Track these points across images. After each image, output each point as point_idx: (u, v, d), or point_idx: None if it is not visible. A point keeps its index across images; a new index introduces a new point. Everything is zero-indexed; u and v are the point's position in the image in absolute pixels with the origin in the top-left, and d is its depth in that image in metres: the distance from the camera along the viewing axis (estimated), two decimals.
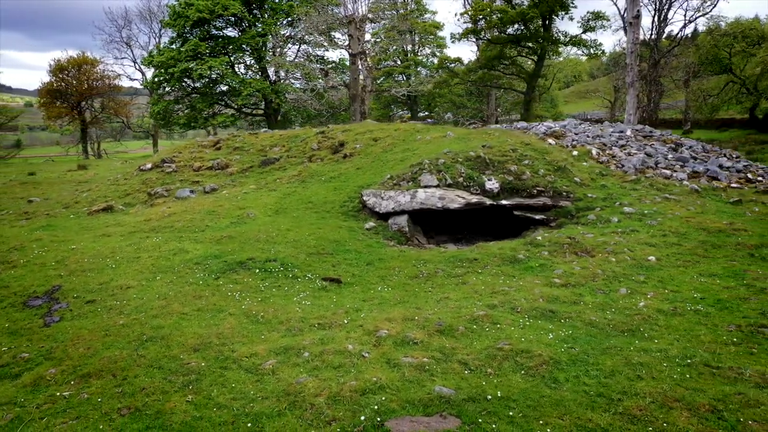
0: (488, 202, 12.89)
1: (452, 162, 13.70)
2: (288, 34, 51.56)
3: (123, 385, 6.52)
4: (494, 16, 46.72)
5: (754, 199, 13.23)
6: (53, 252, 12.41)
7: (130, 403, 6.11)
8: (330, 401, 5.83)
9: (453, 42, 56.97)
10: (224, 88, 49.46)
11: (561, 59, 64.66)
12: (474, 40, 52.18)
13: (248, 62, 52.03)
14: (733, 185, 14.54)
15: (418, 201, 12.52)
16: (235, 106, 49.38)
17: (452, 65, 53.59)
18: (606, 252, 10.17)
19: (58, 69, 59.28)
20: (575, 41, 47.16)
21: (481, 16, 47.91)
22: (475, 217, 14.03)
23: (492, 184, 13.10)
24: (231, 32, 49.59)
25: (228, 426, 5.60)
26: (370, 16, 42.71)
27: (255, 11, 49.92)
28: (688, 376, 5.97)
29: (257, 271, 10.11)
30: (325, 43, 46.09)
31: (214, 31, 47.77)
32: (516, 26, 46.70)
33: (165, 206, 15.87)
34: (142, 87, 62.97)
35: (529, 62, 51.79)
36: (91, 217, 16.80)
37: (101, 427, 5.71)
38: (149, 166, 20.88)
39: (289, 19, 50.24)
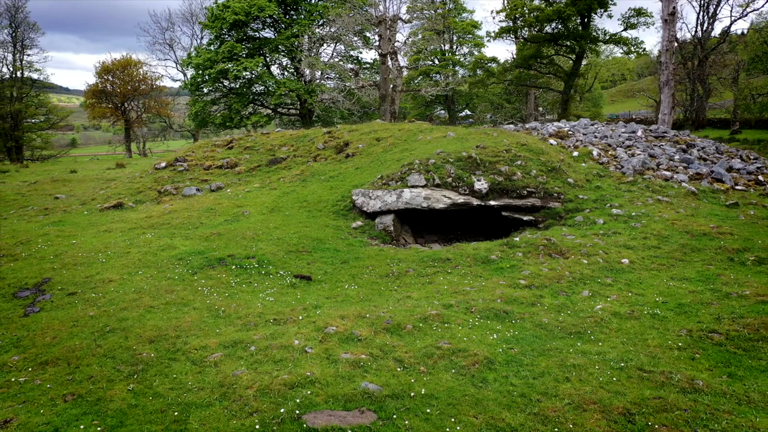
0: (475, 202, 12.87)
1: (443, 162, 13.71)
2: (324, 34, 52.10)
3: (74, 372, 6.84)
4: (530, 15, 46.12)
5: (754, 202, 12.84)
6: (54, 246, 12.97)
7: (75, 390, 6.42)
8: (258, 394, 6.01)
9: (489, 41, 56.54)
10: (260, 88, 50.26)
11: (603, 58, 63.30)
12: (512, 38, 51.64)
13: (284, 63, 52.86)
14: (738, 187, 14.14)
15: (404, 200, 12.60)
16: (271, 106, 50.12)
17: (488, 64, 53.15)
18: (580, 254, 10.06)
19: (103, 71, 61.35)
20: (615, 39, 46.07)
21: (517, 15, 47.37)
22: (466, 217, 14.02)
23: (481, 185, 13.07)
24: (268, 34, 50.48)
25: (158, 414, 5.84)
26: (402, 16, 42.79)
27: (291, 13, 50.60)
28: (615, 379, 5.92)
29: (233, 267, 10.39)
30: (360, 43, 46.43)
31: (250, 33, 48.63)
32: (553, 24, 45.97)
33: (168, 204, 16.37)
34: (180, 88, 64.60)
35: (567, 61, 50.81)
36: (101, 213, 17.44)
37: (43, 411, 6.02)
38: (163, 164, 21.51)
39: (324, 20, 50.81)
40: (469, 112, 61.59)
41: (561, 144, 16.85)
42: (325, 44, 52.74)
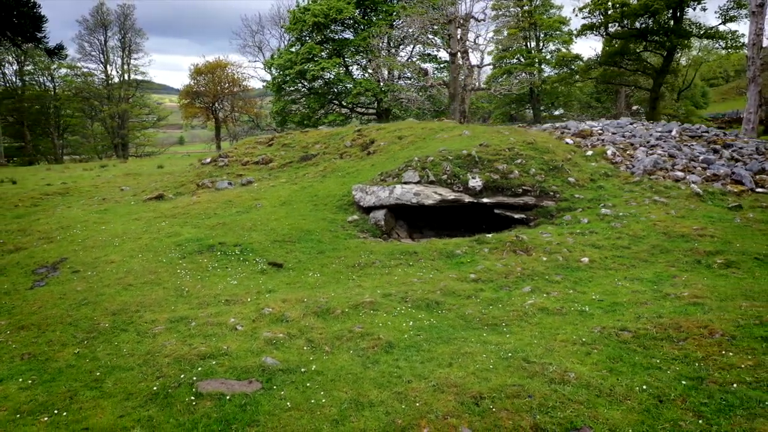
0: (467, 199, 13.06)
1: (441, 160, 13.97)
2: (400, 34, 52.81)
3: (40, 336, 7.88)
4: (615, 10, 44.48)
5: (763, 206, 12.22)
6: (86, 231, 14.45)
7: (32, 350, 7.43)
8: (172, 362, 6.73)
9: (572, 38, 54.82)
10: (338, 88, 51.67)
11: (698, 53, 59.71)
12: (596, 35, 50.03)
13: (363, 63, 54.15)
14: (760, 190, 13.43)
15: (395, 196, 13.00)
16: (348, 106, 51.49)
17: (571, 62, 51.77)
18: (543, 251, 10.10)
19: (196, 73, 65.19)
20: (710, 34, 43.46)
21: (601, 10, 45.83)
22: (463, 214, 14.20)
23: (475, 182, 13.23)
24: (348, 35, 51.89)
25: (85, 374, 6.70)
26: (476, 15, 42.77)
27: (369, 14, 51.69)
28: (491, 366, 6.15)
29: (218, 254, 11.26)
30: (438, 42, 46.83)
31: (329, 34, 50.18)
32: (642, 19, 44.05)
33: (197, 196, 17.63)
34: (263, 88, 67.44)
35: (657, 57, 48.39)
36: (143, 203, 19.00)
37: (1, 366, 7.05)
38: (208, 160, 23.00)
39: (399, 21, 51.60)
40: (558, 112, 59.97)
41: (577, 143, 16.58)
42: (403, 44, 53.48)
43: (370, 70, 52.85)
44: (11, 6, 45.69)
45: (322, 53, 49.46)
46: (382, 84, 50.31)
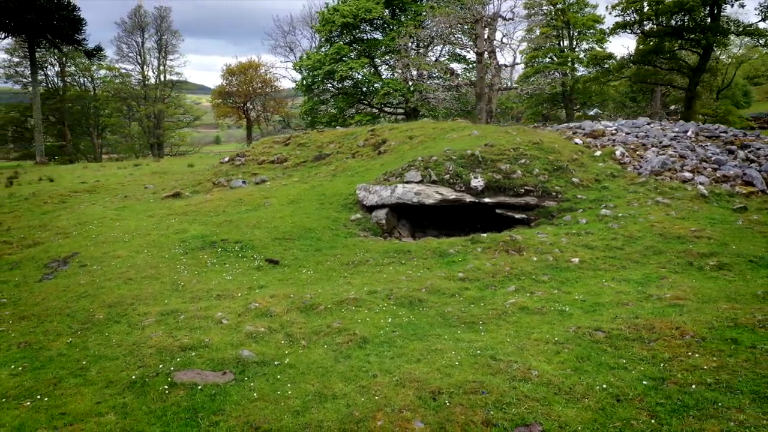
0: (468, 199, 13.11)
1: (444, 159, 14.04)
2: (428, 34, 52.76)
3: (38, 326, 8.27)
4: (649, 7, 43.65)
5: None
6: (101, 227, 14.95)
7: (29, 339, 7.81)
8: (155, 352, 7.01)
9: (606, 36, 53.81)
10: (366, 88, 51.89)
11: (738, 51, 57.95)
12: (629, 33, 49.14)
13: (391, 63, 54.28)
14: None
15: (396, 195, 13.13)
16: (376, 106, 51.68)
17: (604, 61, 50.99)
18: (535, 251, 10.11)
19: (228, 73, 66.29)
20: (749, 31, 42.35)
21: (635, 8, 45.02)
22: (467, 214, 14.23)
23: (477, 182, 13.27)
24: (377, 35, 52.10)
25: (73, 362, 7.03)
26: (503, 14, 42.55)
27: (399, 15, 51.80)
28: (457, 363, 6.25)
29: (219, 250, 11.56)
30: (468, 42, 46.72)
31: (358, 35, 50.50)
32: (677, 17, 43.12)
33: (210, 194, 18.05)
34: (293, 89, 68.09)
35: (693, 56, 47.22)
36: (161, 201, 19.52)
37: None
38: (226, 159, 23.49)
39: (427, 21, 51.59)
40: (592, 112, 58.99)
41: (587, 143, 16.44)
42: (432, 44, 53.42)
43: (399, 70, 52.99)
44: (51, 10, 47.40)
45: (351, 53, 49.82)
46: (410, 84, 50.37)
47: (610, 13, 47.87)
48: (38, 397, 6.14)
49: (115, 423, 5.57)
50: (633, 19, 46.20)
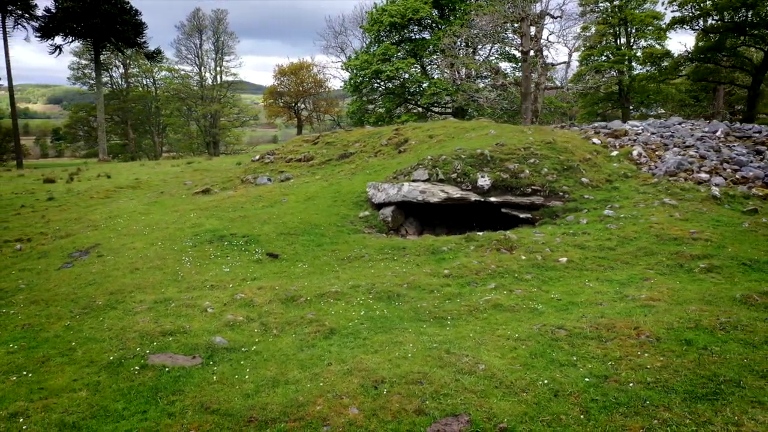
0: (473, 198, 13.17)
1: (453, 158, 14.12)
2: (478, 33, 52.42)
3: (44, 310, 8.92)
4: (708, 2, 42.09)
5: None
6: (128, 221, 15.77)
7: (32, 322, 8.44)
8: (137, 336, 7.48)
9: (665, 33, 52.04)
10: (414, 88, 52.08)
11: None
12: (686, 29, 47.48)
13: (438, 63, 54.28)
14: None
15: (402, 193, 13.32)
16: (423, 105, 51.83)
17: (661, 59, 49.49)
18: (526, 250, 10.12)
19: (280, 73, 67.86)
20: None
21: (693, 3, 43.47)
22: (474, 213, 14.27)
23: (484, 181, 13.30)
24: (425, 35, 52.23)
25: (64, 342, 7.58)
26: (552, 12, 41.98)
27: (447, 14, 51.80)
28: (410, 355, 6.44)
29: (225, 244, 12.06)
30: (518, 41, 46.29)
31: (407, 35, 50.81)
32: (740, 12, 41.39)
33: (234, 191, 18.70)
34: (341, 89, 68.96)
35: (757, 53, 45.17)
36: (191, 197, 20.34)
37: (2, 333, 8.09)
38: (257, 157, 24.20)
39: (474, 20, 51.30)
40: (654, 111, 57.05)
41: (605, 143, 16.17)
42: (480, 43, 53.04)
43: (447, 70, 52.83)
44: (115, 14, 49.86)
45: (398, 53, 50.06)
46: (459, 83, 50.17)
47: (666, 9, 46.15)
48: (24, 373, 6.69)
49: (85, 398, 6.03)
50: (692, 14, 44.49)
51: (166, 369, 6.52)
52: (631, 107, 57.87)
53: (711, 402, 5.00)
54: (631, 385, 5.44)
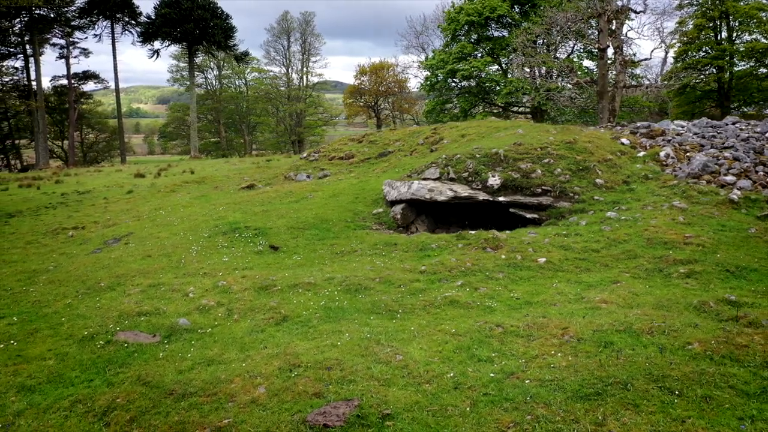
0: (481, 197, 13.16)
1: (467, 157, 14.14)
2: (558, 31, 51.18)
3: (57, 288, 9.95)
4: None
5: None
6: (169, 213, 16.97)
7: (42, 299, 9.46)
8: (116, 315, 8.25)
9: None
10: (490, 87, 51.63)
11: None
12: None
13: (516, 61, 53.48)
14: None
15: (411, 191, 13.52)
16: (500, 105, 51.31)
17: (764, 54, 46.45)
18: (509, 250, 10.08)
19: (360, 73, 69.32)
20: None
21: None
22: (487, 211, 14.22)
23: (494, 180, 13.26)
24: (505, 33, 51.58)
25: (57, 318, 8.48)
26: (634, 6, 40.50)
27: (528, 12, 50.86)
28: (339, 343, 6.74)
29: (236, 235, 12.78)
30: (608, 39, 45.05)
31: (484, 33, 50.53)
32: None
33: (271, 186, 19.56)
34: (419, 89, 69.24)
35: None
36: (237, 192, 21.47)
37: (12, 305, 9.13)
38: (305, 155, 25.09)
39: (549, 17, 50.15)
40: (757, 110, 53.48)
41: (635, 143, 15.58)
42: (563, 40, 51.73)
43: (527, 69, 51.83)
44: (207, 19, 53.05)
45: (475, 52, 49.76)
46: (538, 81, 49.08)
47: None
48: (12, 342, 7.60)
49: (50, 366, 6.81)
50: None
51: (126, 345, 7.19)
52: (732, 106, 54.11)
53: (589, 401, 4.99)
54: (527, 381, 5.49)
